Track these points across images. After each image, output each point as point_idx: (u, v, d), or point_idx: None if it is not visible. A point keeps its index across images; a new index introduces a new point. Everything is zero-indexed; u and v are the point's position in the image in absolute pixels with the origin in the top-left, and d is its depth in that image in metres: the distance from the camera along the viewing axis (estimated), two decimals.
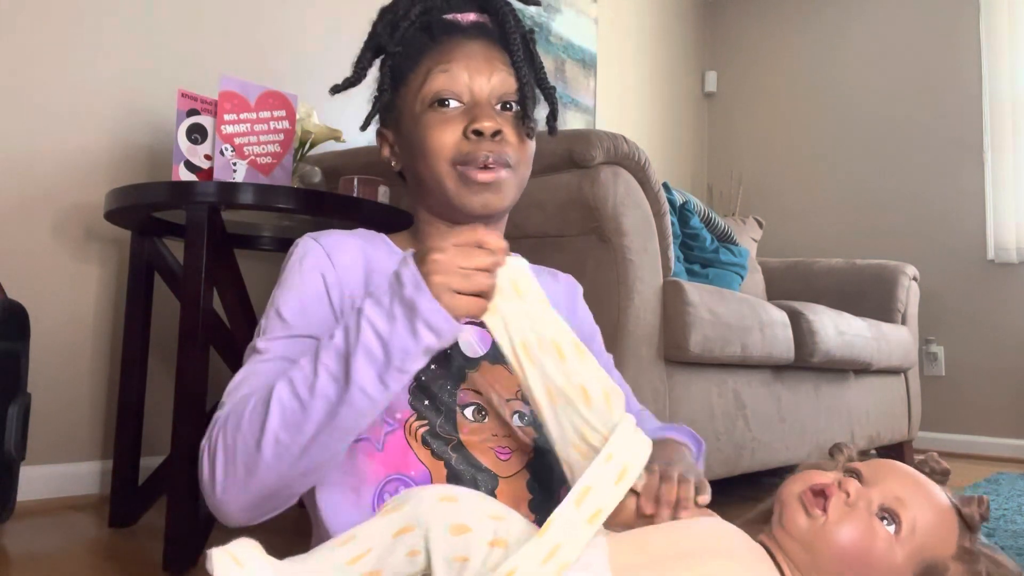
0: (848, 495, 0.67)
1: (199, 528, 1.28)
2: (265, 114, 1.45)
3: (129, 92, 1.92)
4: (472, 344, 0.84)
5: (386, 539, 0.60)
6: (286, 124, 1.47)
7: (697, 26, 4.17)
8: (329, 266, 0.83)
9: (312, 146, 1.62)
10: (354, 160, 1.88)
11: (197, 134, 1.44)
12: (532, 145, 0.89)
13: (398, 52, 0.87)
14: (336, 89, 0.89)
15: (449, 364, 0.81)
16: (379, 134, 0.94)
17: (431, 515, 0.60)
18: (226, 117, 1.41)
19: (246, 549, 0.56)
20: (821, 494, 0.67)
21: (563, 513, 0.59)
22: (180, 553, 1.25)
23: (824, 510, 0.66)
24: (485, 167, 0.83)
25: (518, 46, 0.87)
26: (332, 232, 0.88)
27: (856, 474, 0.71)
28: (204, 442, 0.72)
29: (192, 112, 1.44)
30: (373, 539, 0.60)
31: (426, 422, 0.78)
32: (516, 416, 0.82)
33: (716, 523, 0.69)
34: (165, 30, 1.99)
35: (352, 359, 0.64)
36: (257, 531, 0.65)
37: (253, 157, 1.43)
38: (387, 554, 0.60)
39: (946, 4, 3.52)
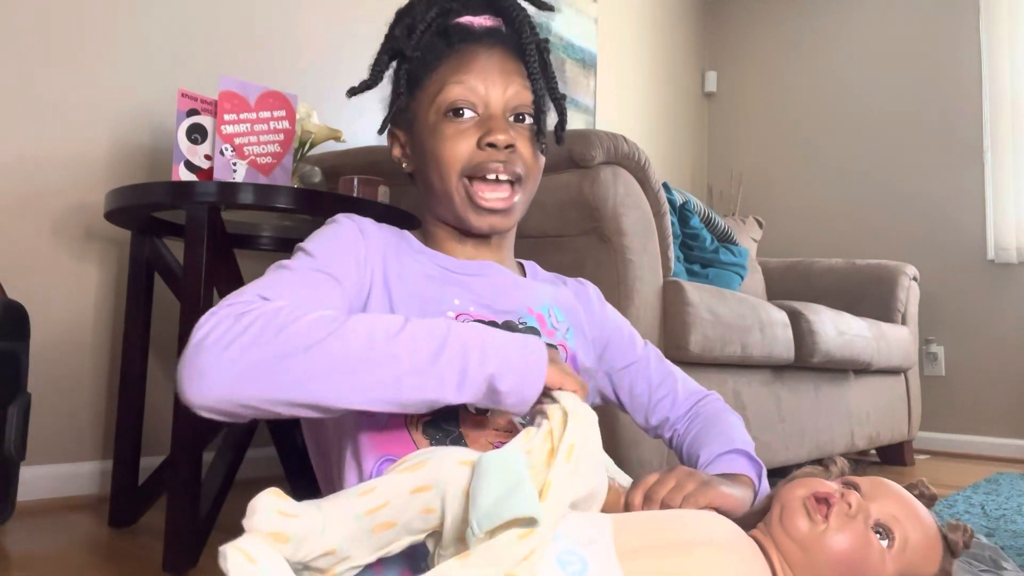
0: (850, 506, 0.71)
1: (199, 528, 1.28)
2: (265, 114, 1.45)
3: (129, 92, 1.92)
4: None
5: (404, 494, 0.61)
6: (286, 124, 1.47)
7: (697, 26, 4.17)
8: (360, 236, 0.87)
9: (312, 146, 1.62)
10: (354, 160, 1.88)
11: (197, 134, 1.44)
12: (542, 159, 0.92)
13: (416, 57, 0.88)
14: (353, 91, 0.91)
15: None
16: (390, 134, 0.95)
17: (450, 476, 0.61)
18: (226, 117, 1.41)
19: (256, 545, 0.56)
20: (824, 501, 0.71)
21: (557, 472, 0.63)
22: (180, 553, 1.24)
23: (826, 517, 0.70)
24: (496, 181, 0.86)
25: (534, 57, 0.89)
26: (366, 218, 0.91)
27: (855, 487, 0.74)
28: (228, 309, 0.70)
29: (192, 112, 1.44)
30: (391, 493, 0.62)
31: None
32: None
33: (712, 515, 0.73)
34: (165, 30, 1.99)
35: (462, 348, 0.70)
36: None
37: (253, 157, 1.43)
38: (403, 508, 0.61)
39: (946, 4, 3.52)
